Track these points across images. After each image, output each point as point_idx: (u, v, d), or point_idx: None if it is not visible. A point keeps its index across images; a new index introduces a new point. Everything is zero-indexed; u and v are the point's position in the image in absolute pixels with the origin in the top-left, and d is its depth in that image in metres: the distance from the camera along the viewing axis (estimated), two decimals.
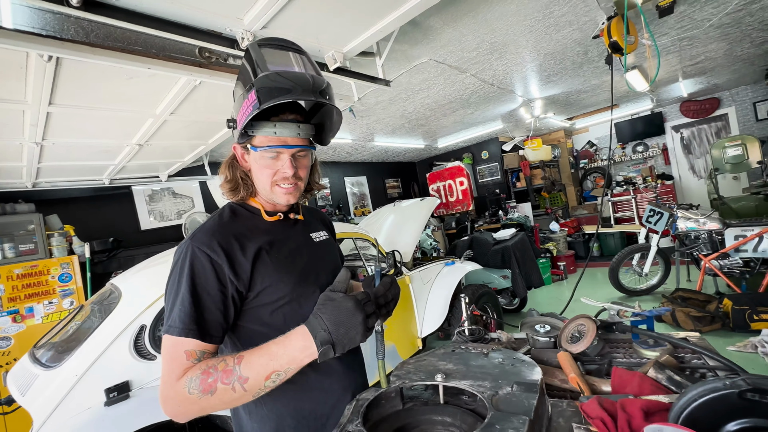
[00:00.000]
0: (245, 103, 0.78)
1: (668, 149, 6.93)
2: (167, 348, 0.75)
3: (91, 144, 2.60)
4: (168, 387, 0.72)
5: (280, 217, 0.95)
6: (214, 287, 0.78)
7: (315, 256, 0.97)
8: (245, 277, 0.82)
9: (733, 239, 3.55)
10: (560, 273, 5.67)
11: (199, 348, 0.75)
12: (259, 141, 0.84)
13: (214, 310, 0.78)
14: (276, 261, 0.87)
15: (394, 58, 2.70)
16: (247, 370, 0.70)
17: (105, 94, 1.88)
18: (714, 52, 3.99)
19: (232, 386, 0.69)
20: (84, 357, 1.66)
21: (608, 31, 2.32)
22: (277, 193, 0.88)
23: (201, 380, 0.70)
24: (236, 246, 0.83)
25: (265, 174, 0.86)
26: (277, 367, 0.71)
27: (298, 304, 0.87)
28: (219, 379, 0.69)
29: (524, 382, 0.79)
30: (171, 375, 0.72)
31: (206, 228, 0.84)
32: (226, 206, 0.94)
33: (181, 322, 0.74)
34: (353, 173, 7.13)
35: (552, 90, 4.48)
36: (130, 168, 3.53)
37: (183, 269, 0.78)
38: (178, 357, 0.73)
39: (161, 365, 0.75)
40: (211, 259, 0.78)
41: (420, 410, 0.83)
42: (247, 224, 0.90)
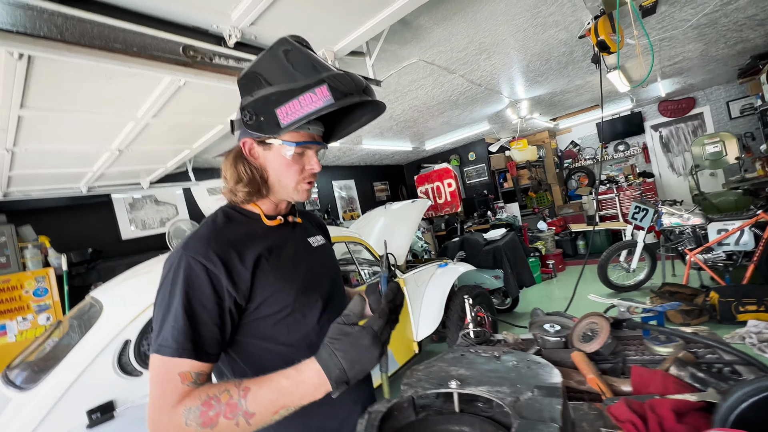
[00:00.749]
0: (307, 97, 0.72)
1: (648, 148, 7.13)
2: (157, 369, 0.68)
3: (67, 150, 2.47)
4: (161, 414, 0.65)
5: (281, 220, 0.90)
6: (210, 300, 0.72)
7: (315, 262, 0.93)
8: (245, 288, 0.76)
9: (716, 233, 3.65)
10: (549, 271, 5.73)
11: (195, 369, 0.68)
12: (291, 136, 0.80)
13: (210, 325, 0.71)
14: (276, 268, 0.81)
15: (383, 59, 2.67)
16: (254, 405, 0.64)
17: (82, 96, 1.78)
18: (691, 53, 4.11)
19: (236, 422, 0.63)
20: (63, 376, 1.54)
21: (595, 30, 2.34)
22: (302, 191, 0.86)
23: (201, 412, 0.63)
24: (234, 254, 0.77)
25: (294, 171, 0.83)
26: (288, 403, 0.65)
27: (301, 315, 0.83)
28: (222, 413, 0.63)
29: (545, 386, 0.75)
30: (164, 400, 0.65)
31: (200, 236, 0.78)
32: (219, 211, 0.87)
33: (174, 341, 0.67)
34: (341, 177, 7.06)
35: (537, 90, 4.53)
36: (110, 175, 3.38)
37: (176, 282, 0.71)
38: (171, 380, 0.66)
39: (150, 387, 0.67)
40: (207, 270, 0.72)
41: (435, 420, 0.79)
42: (244, 230, 0.84)
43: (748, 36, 3.85)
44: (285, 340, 0.81)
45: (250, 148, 0.84)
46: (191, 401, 0.64)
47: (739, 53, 4.48)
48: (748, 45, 4.19)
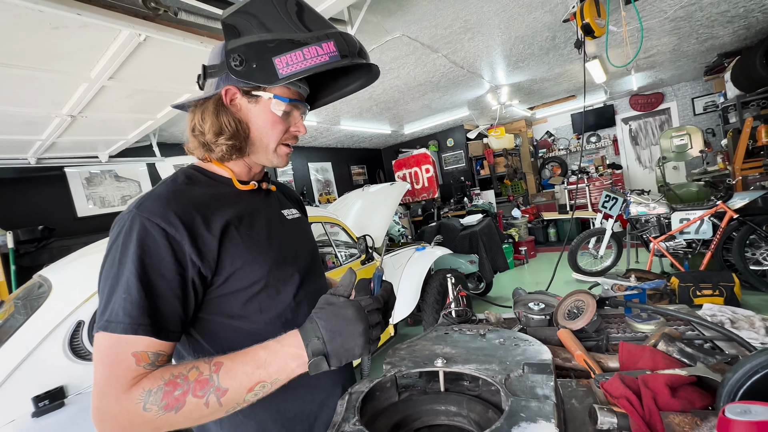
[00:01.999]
0: (312, 50, 0.66)
1: (618, 140, 7.37)
2: (105, 349, 0.57)
3: (10, 113, 2.20)
4: (110, 400, 0.55)
5: (254, 185, 0.81)
6: (170, 270, 0.62)
7: (290, 234, 0.85)
8: (211, 258, 0.66)
9: (679, 222, 3.83)
10: (522, 257, 5.88)
11: (153, 348, 0.59)
12: (282, 92, 0.73)
13: (171, 298, 0.62)
14: (248, 238, 0.73)
15: (365, 31, 2.54)
16: (227, 380, 0.56)
17: (24, 48, 1.56)
18: (665, 46, 4.22)
19: (206, 400, 0.55)
20: (5, 360, 1.39)
21: (581, 14, 2.32)
22: (281, 153, 0.79)
23: (165, 393, 0.54)
24: (198, 218, 0.67)
25: (278, 130, 0.76)
26: (264, 377, 0.58)
27: (275, 290, 0.75)
28: (190, 391, 0.55)
29: (534, 363, 0.71)
30: (114, 385, 0.55)
31: (157, 194, 0.67)
32: (180, 172, 0.76)
33: (127, 316, 0.57)
34: (317, 159, 6.87)
35: (518, 77, 4.53)
36: (62, 145, 3.08)
37: (127, 247, 0.61)
38: (123, 361, 0.56)
39: (95, 371, 0.57)
40: (166, 234, 0.62)
41: (419, 400, 0.74)
42: (210, 192, 0.73)
43: (718, 33, 3.99)
44: (257, 319, 0.73)
45: (231, 98, 0.73)
46: (150, 382, 0.56)
47: (708, 50, 4.64)
48: (717, 42, 4.35)
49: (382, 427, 0.67)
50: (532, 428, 0.53)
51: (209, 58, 0.75)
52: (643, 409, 0.59)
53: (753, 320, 1.69)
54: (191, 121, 0.75)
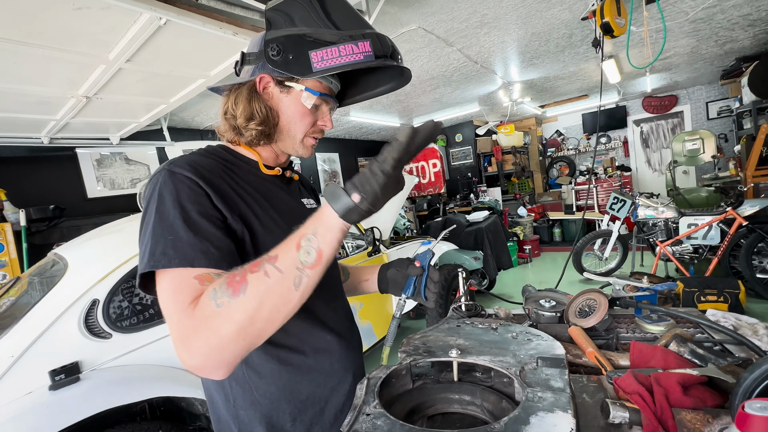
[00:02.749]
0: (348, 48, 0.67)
1: (629, 142, 7.30)
2: (167, 283, 0.57)
3: (27, 92, 2.22)
4: (185, 319, 0.54)
5: (279, 171, 0.83)
6: (211, 212, 0.63)
7: None
8: (237, 213, 0.68)
9: (686, 227, 3.81)
10: (526, 256, 5.88)
11: (214, 272, 0.59)
12: (314, 85, 0.75)
13: (222, 236, 0.62)
14: (269, 221, 0.74)
15: (382, 22, 2.52)
16: (274, 249, 0.57)
17: (45, 27, 1.57)
18: (682, 48, 4.15)
19: (264, 270, 0.55)
20: (22, 335, 1.43)
21: (601, 12, 2.29)
22: (307, 145, 0.80)
23: (227, 283, 0.55)
24: (224, 183, 0.69)
25: (306, 122, 0.77)
26: (304, 231, 0.57)
27: None
28: (247, 270, 0.55)
29: (548, 357, 0.73)
30: (184, 306, 0.55)
31: (186, 159, 0.69)
32: (209, 148, 0.79)
33: (179, 253, 0.57)
34: (325, 149, 6.87)
35: (532, 74, 4.48)
36: (75, 126, 3.11)
37: (163, 196, 0.62)
38: (187, 286, 0.56)
39: (163, 311, 0.57)
40: (198, 184, 0.64)
41: (433, 388, 0.76)
42: (236, 172, 0.75)
43: (738, 36, 3.92)
44: None
45: (265, 86, 0.76)
46: (212, 285, 0.56)
47: (726, 54, 4.57)
48: (736, 46, 4.27)
49: (399, 411, 0.69)
50: (550, 417, 0.54)
51: (249, 46, 0.78)
52: (655, 406, 0.61)
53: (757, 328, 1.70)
54: (224, 105, 0.77)
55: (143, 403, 1.62)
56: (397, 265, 0.91)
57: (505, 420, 0.55)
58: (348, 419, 0.56)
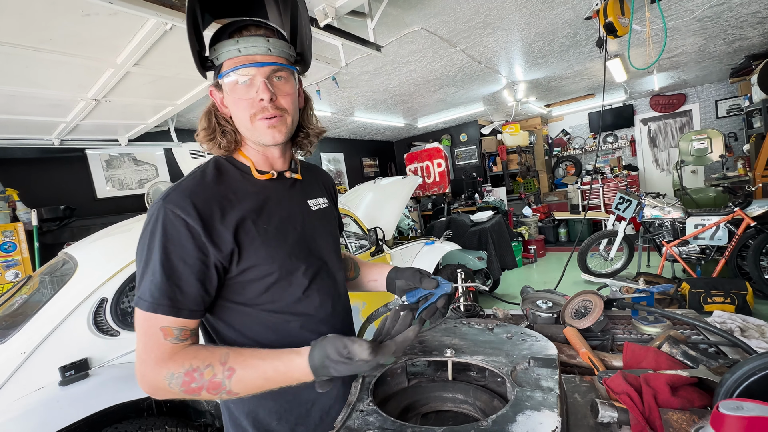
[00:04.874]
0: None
1: (636, 141, 7.23)
2: (140, 321, 0.67)
3: (39, 95, 2.28)
4: (146, 367, 0.66)
5: (273, 175, 0.81)
6: (191, 255, 0.67)
7: (310, 227, 0.85)
8: (226, 249, 0.70)
9: (693, 227, 3.77)
10: (531, 256, 5.86)
11: (176, 325, 0.67)
12: (226, 67, 0.72)
13: (192, 281, 0.68)
14: (264, 233, 0.75)
15: (385, 23, 2.54)
16: (238, 387, 0.64)
17: (56, 33, 1.62)
18: (690, 47, 4.11)
19: (219, 397, 0.65)
20: (33, 332, 1.48)
21: (604, 11, 2.28)
22: (260, 129, 0.73)
23: (183, 382, 0.63)
24: (217, 213, 0.71)
25: (242, 106, 0.72)
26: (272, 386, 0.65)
27: (287, 282, 0.77)
28: (205, 388, 0.63)
29: (540, 357, 0.75)
30: (148, 354, 0.66)
31: (183, 188, 0.71)
32: (212, 161, 0.80)
33: (150, 296, 0.65)
34: (330, 149, 6.90)
35: (536, 73, 4.47)
36: (85, 128, 3.17)
37: (154, 234, 0.67)
38: (153, 334, 0.66)
39: (136, 337, 0.68)
40: (186, 224, 0.67)
41: (428, 387, 0.78)
42: (234, 186, 0.77)
43: (747, 34, 3.86)
44: (269, 307, 0.77)
45: (220, 98, 0.77)
46: (175, 366, 0.64)
47: (735, 51, 4.50)
48: (745, 44, 4.21)
49: (393, 409, 0.71)
50: (536, 416, 0.56)
51: None
52: (643, 406, 0.62)
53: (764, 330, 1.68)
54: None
55: (150, 399, 1.66)
56: (408, 277, 0.84)
57: (493, 417, 0.56)
58: (342, 415, 0.58)
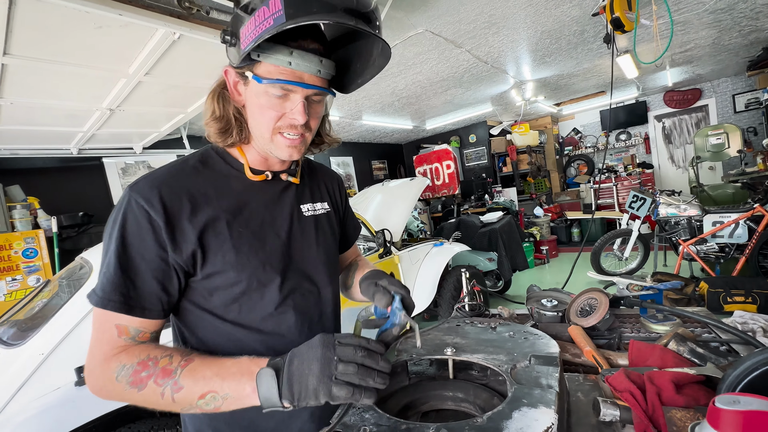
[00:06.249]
0: (260, 13, 0.55)
1: (650, 138, 7.07)
2: (95, 316, 0.61)
3: (56, 106, 2.37)
4: (95, 362, 0.60)
5: (267, 176, 0.73)
6: (150, 250, 0.61)
7: (297, 235, 0.76)
8: (187, 249, 0.63)
9: (711, 225, 3.66)
10: (543, 257, 5.77)
11: (134, 324, 0.61)
12: (266, 71, 0.62)
13: (148, 278, 0.61)
14: (237, 237, 0.67)
15: (389, 26, 2.56)
16: (187, 378, 0.56)
17: (70, 46, 1.68)
18: (703, 40, 4.01)
19: (162, 391, 0.56)
20: (51, 334, 1.53)
21: (610, 7, 2.25)
22: (279, 144, 0.67)
23: (134, 371, 0.57)
24: (186, 207, 0.64)
25: (268, 116, 0.65)
26: (218, 387, 0.55)
27: (259, 295, 0.69)
28: (154, 377, 0.56)
29: (542, 355, 0.74)
30: (99, 349, 0.60)
31: (154, 176, 0.65)
32: (200, 151, 0.74)
33: (102, 290, 0.59)
34: (339, 153, 6.95)
35: (544, 72, 4.42)
36: (101, 137, 3.28)
37: (115, 224, 0.61)
38: (107, 330, 0.60)
39: (91, 336, 0.62)
40: (149, 216, 0.61)
41: (428, 385, 0.78)
42: (217, 181, 0.70)
43: (764, 25, 3.75)
44: (235, 320, 0.69)
45: (234, 81, 0.68)
46: (128, 357, 0.59)
47: (752, 44, 4.38)
48: (762, 35, 4.09)
49: (393, 407, 0.71)
50: (532, 413, 0.55)
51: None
52: (646, 404, 0.61)
53: None
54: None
55: None
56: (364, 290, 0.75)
57: (489, 414, 0.56)
58: (338, 412, 0.59)
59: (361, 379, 0.52)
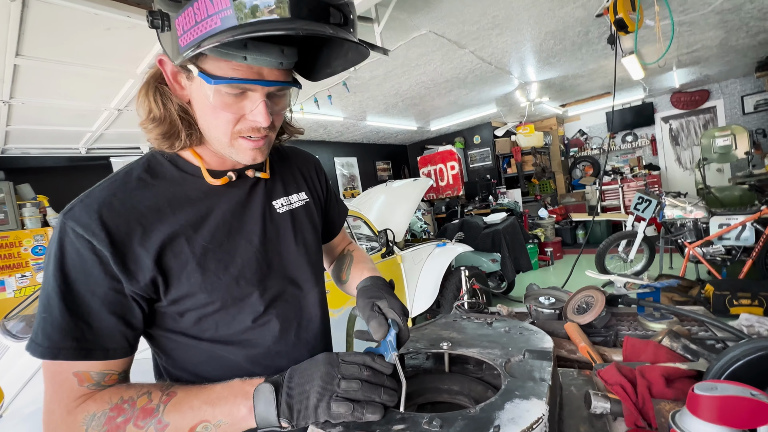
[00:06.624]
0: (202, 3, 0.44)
1: (656, 140, 7.01)
2: (45, 369, 0.52)
3: (65, 106, 2.42)
4: (56, 418, 0.51)
5: (230, 179, 0.64)
6: (101, 284, 0.52)
7: (273, 237, 0.68)
8: (144, 277, 0.54)
9: (718, 227, 3.63)
10: (547, 259, 5.75)
11: (96, 369, 0.52)
12: (216, 66, 0.51)
13: (104, 315, 0.52)
14: (202, 254, 0.58)
15: (392, 28, 2.57)
16: (172, 414, 0.50)
17: (80, 47, 1.72)
18: (710, 41, 3.98)
19: (145, 430, 0.50)
20: None
21: (614, 8, 2.25)
22: (240, 148, 0.58)
23: (108, 419, 0.50)
24: (136, 230, 0.54)
25: (223, 119, 0.55)
26: (209, 416, 0.50)
27: (237, 309, 0.62)
28: (132, 419, 0.50)
29: (535, 350, 0.75)
30: (59, 404, 0.51)
31: (92, 198, 0.55)
32: (144, 159, 0.62)
33: (47, 339, 0.50)
34: (343, 154, 6.99)
35: (549, 73, 4.41)
36: (109, 137, 3.34)
37: (51, 260, 0.52)
38: (65, 381, 0.51)
39: (44, 393, 0.53)
40: (92, 246, 0.51)
41: (424, 379, 0.79)
42: (169, 192, 0.59)
43: None
44: (212, 337, 0.62)
45: (173, 72, 0.55)
46: (97, 405, 0.51)
47: (760, 44, 4.33)
48: None
49: None
50: (524, 404, 0.56)
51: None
52: (636, 397, 0.62)
53: None
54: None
55: None
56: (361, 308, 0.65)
57: (481, 405, 0.57)
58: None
59: (366, 395, 0.49)
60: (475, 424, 0.51)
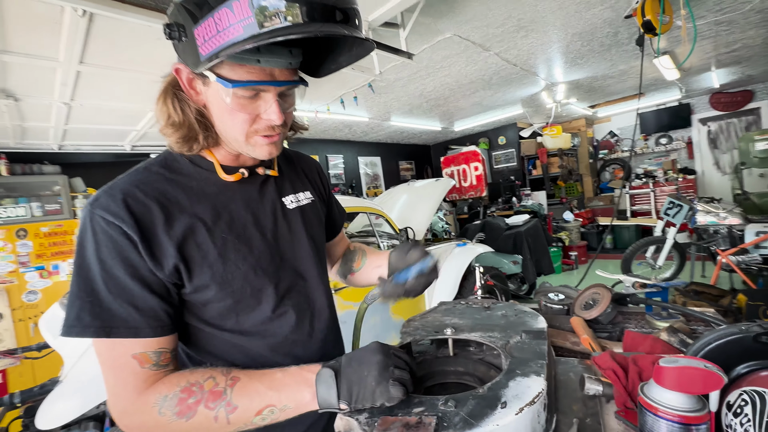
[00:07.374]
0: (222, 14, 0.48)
1: (693, 143, 6.71)
2: (102, 353, 0.55)
3: (116, 107, 2.66)
4: (127, 400, 0.54)
5: (243, 175, 0.68)
6: (138, 265, 0.55)
7: (284, 231, 0.72)
8: (168, 264, 0.57)
9: (754, 235, 3.47)
10: (571, 263, 5.64)
11: (152, 347, 0.55)
12: (232, 71, 0.55)
13: (147, 295, 0.55)
14: (222, 244, 0.62)
15: (417, 32, 2.65)
16: (240, 397, 0.54)
17: (133, 55, 1.91)
18: (752, 40, 3.80)
19: (216, 414, 0.53)
20: None
21: (642, 10, 2.23)
22: (258, 145, 0.62)
23: (179, 399, 0.53)
24: (159, 218, 0.58)
25: (240, 120, 0.59)
26: (275, 400, 0.54)
27: (256, 301, 0.66)
28: (203, 401, 0.53)
29: (531, 330, 0.81)
30: (126, 387, 0.55)
31: (117, 185, 0.58)
32: (160, 156, 0.67)
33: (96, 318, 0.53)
34: (367, 153, 7.11)
35: (576, 74, 4.35)
36: (151, 135, 3.60)
37: (84, 246, 0.55)
38: (125, 365, 0.54)
39: (104, 379, 0.55)
40: (122, 231, 0.55)
41: (432, 362, 0.87)
42: (187, 185, 0.63)
43: None
44: (233, 327, 0.65)
45: (189, 78, 0.60)
46: (167, 387, 0.54)
47: None
48: None
49: None
50: (525, 381, 0.63)
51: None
52: (627, 381, 0.67)
53: None
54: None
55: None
56: (399, 248, 0.79)
57: (488, 385, 0.65)
58: None
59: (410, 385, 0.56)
60: (486, 402, 0.57)
